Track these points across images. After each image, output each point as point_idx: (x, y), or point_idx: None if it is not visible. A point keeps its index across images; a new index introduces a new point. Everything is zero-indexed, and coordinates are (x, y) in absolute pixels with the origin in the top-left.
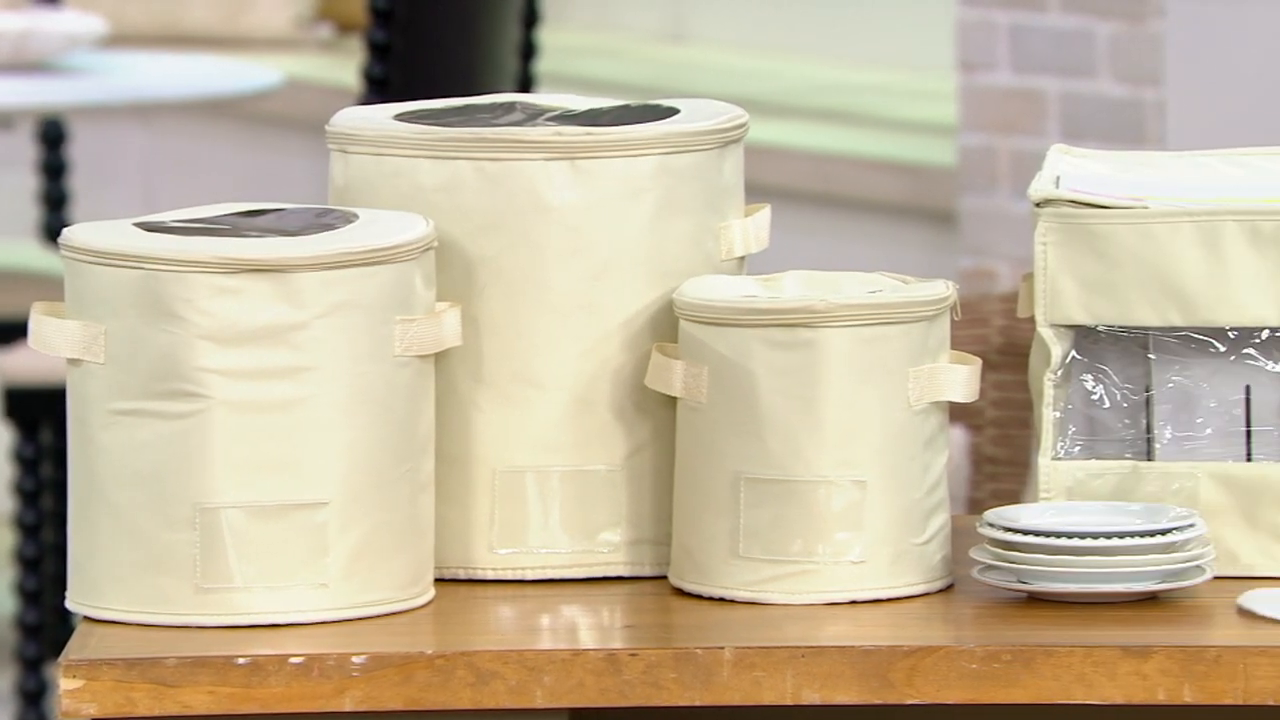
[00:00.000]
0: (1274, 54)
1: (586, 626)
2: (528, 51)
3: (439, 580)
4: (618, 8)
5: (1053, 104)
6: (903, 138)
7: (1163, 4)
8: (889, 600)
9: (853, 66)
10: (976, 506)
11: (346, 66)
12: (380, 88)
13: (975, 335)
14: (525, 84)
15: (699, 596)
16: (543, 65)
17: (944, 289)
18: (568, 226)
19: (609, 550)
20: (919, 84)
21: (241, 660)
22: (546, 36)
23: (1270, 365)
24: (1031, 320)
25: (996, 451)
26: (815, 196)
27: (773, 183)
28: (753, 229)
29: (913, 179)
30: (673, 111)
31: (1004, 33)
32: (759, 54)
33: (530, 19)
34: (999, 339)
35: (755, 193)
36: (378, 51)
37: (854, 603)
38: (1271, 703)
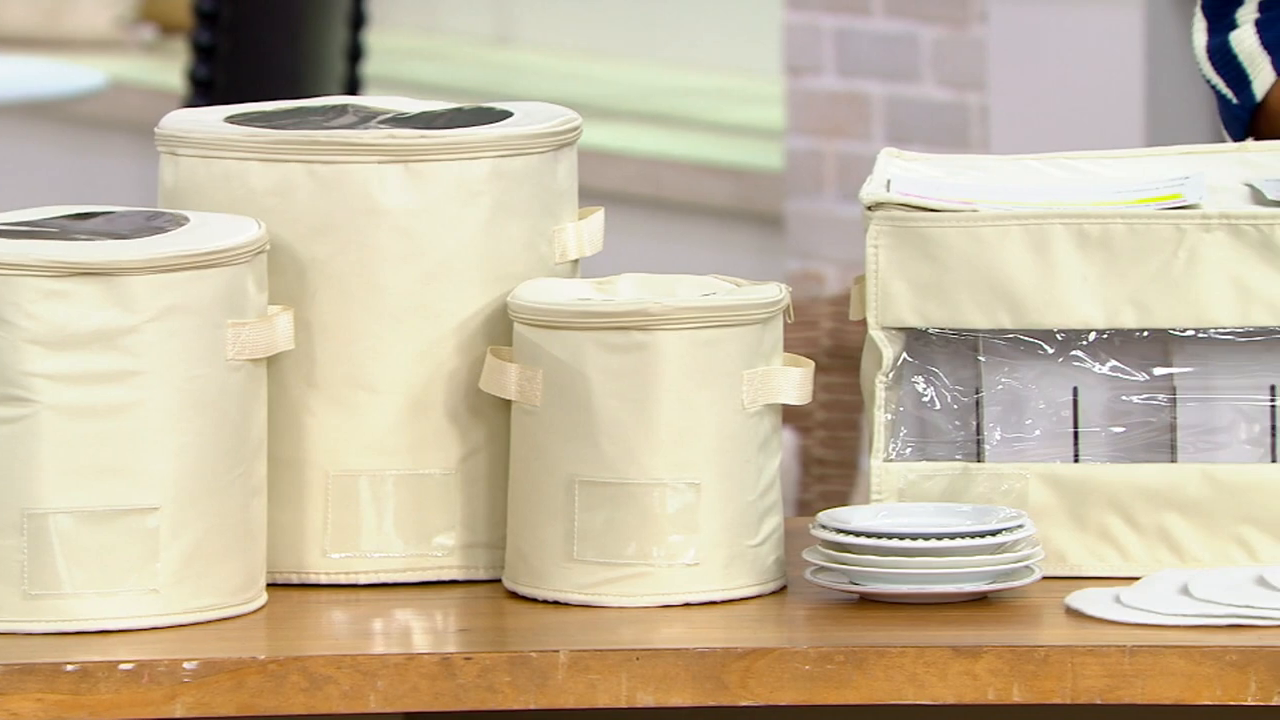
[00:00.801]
0: (1093, 57)
1: (420, 630)
2: (354, 54)
3: (272, 585)
4: (445, 11)
5: (878, 108)
6: (730, 141)
7: (985, 9)
8: (723, 602)
9: (680, 70)
10: (805, 508)
11: (170, 68)
12: (205, 90)
13: (804, 338)
14: (352, 86)
15: (533, 600)
16: (369, 68)
17: (777, 292)
18: (401, 230)
19: (443, 554)
20: (746, 88)
21: (70, 667)
22: (373, 39)
23: (1097, 367)
24: (860, 323)
25: (825, 453)
26: (643, 200)
27: (601, 186)
28: (587, 232)
29: (740, 182)
30: (506, 115)
31: (829, 37)
32: (587, 57)
33: (357, 21)
34: (827, 341)
35: (584, 196)
36: (202, 53)
37: (688, 605)
38: (1099, 702)
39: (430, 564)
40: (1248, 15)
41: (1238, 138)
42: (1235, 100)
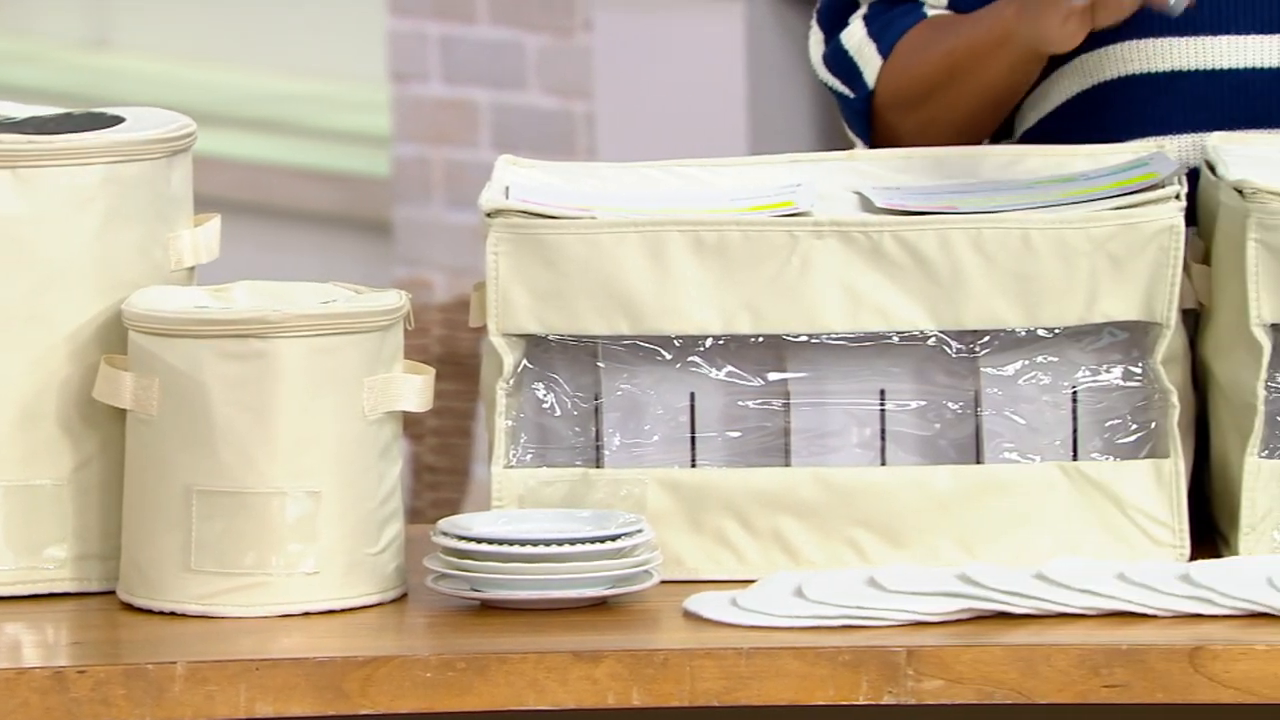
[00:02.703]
0: (697, 65)
1: (31, 644)
2: None
3: None
4: (38, 12)
5: (484, 115)
6: (337, 148)
7: (590, 17)
8: (343, 610)
9: (285, 76)
10: (417, 516)
11: None
12: None
13: (415, 345)
14: None
15: (150, 611)
16: None
17: (397, 299)
18: (10, 238)
19: (55, 566)
20: (351, 94)
21: None
22: None
23: (713, 373)
24: (473, 329)
25: (437, 460)
26: (249, 206)
27: (205, 193)
28: (203, 239)
29: (347, 189)
30: (118, 120)
31: (435, 44)
32: (189, 62)
33: None
34: (438, 348)
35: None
36: None
37: (308, 614)
38: (716, 703)
39: (41, 576)
40: (858, 16)
41: (862, 132)
42: (852, 95)
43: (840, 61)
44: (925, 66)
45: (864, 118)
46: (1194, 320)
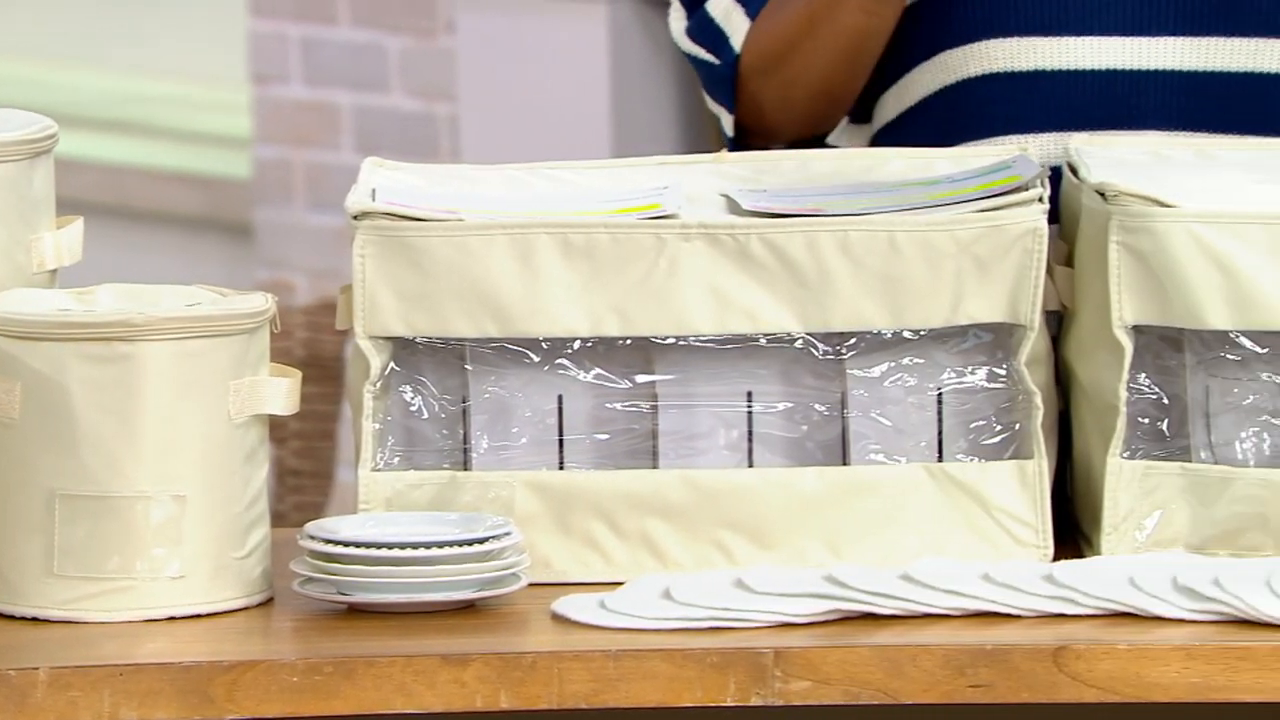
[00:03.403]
0: (560, 67)
1: None
2: None
3: None
4: None
5: (346, 117)
6: (197, 150)
7: (452, 19)
8: (209, 615)
9: (145, 77)
10: (280, 519)
11: None
12: None
13: (278, 348)
14: None
15: (12, 617)
16: None
17: (263, 302)
18: None
19: None
20: (212, 96)
21: None
22: None
23: (581, 375)
24: (335, 332)
25: (300, 464)
26: (108, 209)
27: (66, 195)
28: (65, 241)
29: (207, 191)
30: None
31: (296, 45)
32: (48, 64)
33: None
34: (301, 351)
35: None
36: None
37: (173, 619)
38: (584, 706)
39: None
40: None
41: (727, 100)
42: (718, 62)
43: (706, 30)
44: (784, 22)
45: (729, 84)
46: (1057, 322)
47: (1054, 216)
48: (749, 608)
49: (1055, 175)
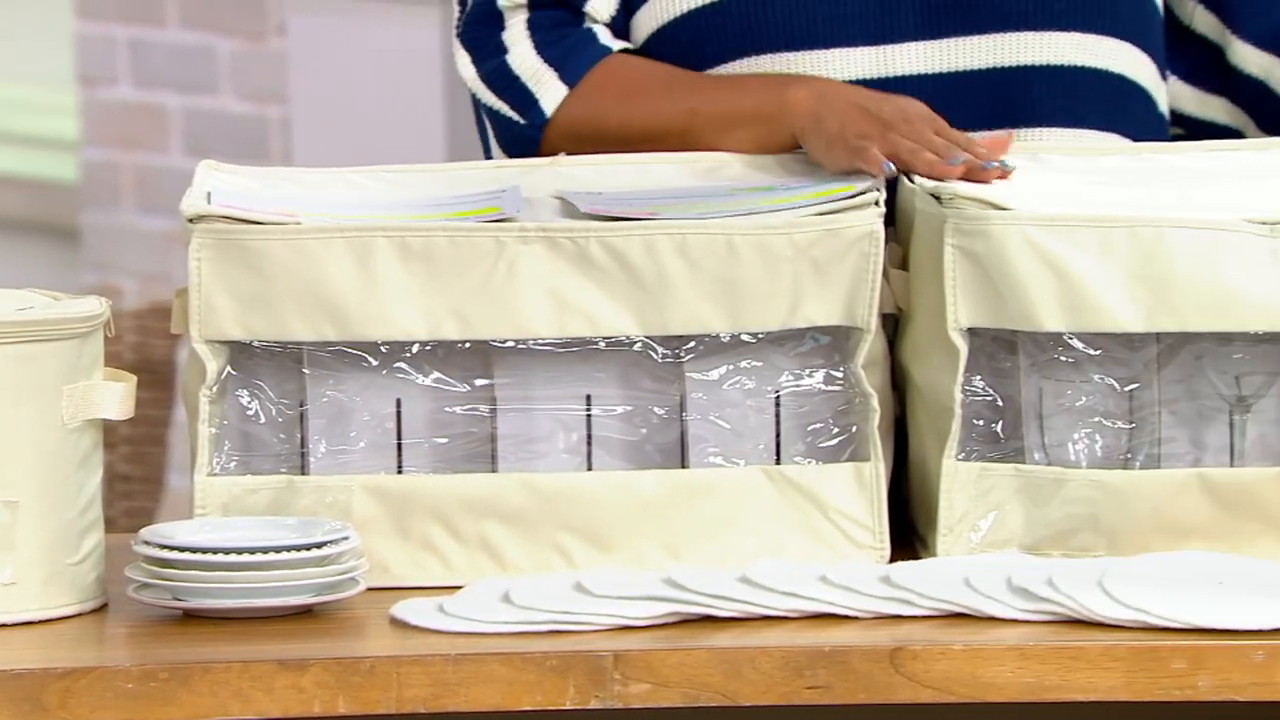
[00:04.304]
0: (394, 70)
1: None
2: None
3: None
4: None
5: (175, 120)
6: (23, 152)
7: (283, 21)
8: (42, 622)
9: None
10: (111, 525)
11: None
12: None
13: (107, 352)
14: None
15: None
16: None
17: (97, 306)
18: None
19: None
20: (38, 98)
21: None
22: None
23: (420, 378)
24: (166, 336)
25: (130, 469)
26: None
27: None
28: None
29: (34, 194)
30: None
31: (124, 47)
32: None
33: None
34: (131, 356)
35: None
36: None
37: (5, 625)
38: (423, 710)
39: None
40: (517, 37)
41: (528, 156)
42: (524, 121)
43: (508, 85)
44: (648, 115)
45: (533, 145)
46: (893, 325)
47: (889, 219)
48: (588, 611)
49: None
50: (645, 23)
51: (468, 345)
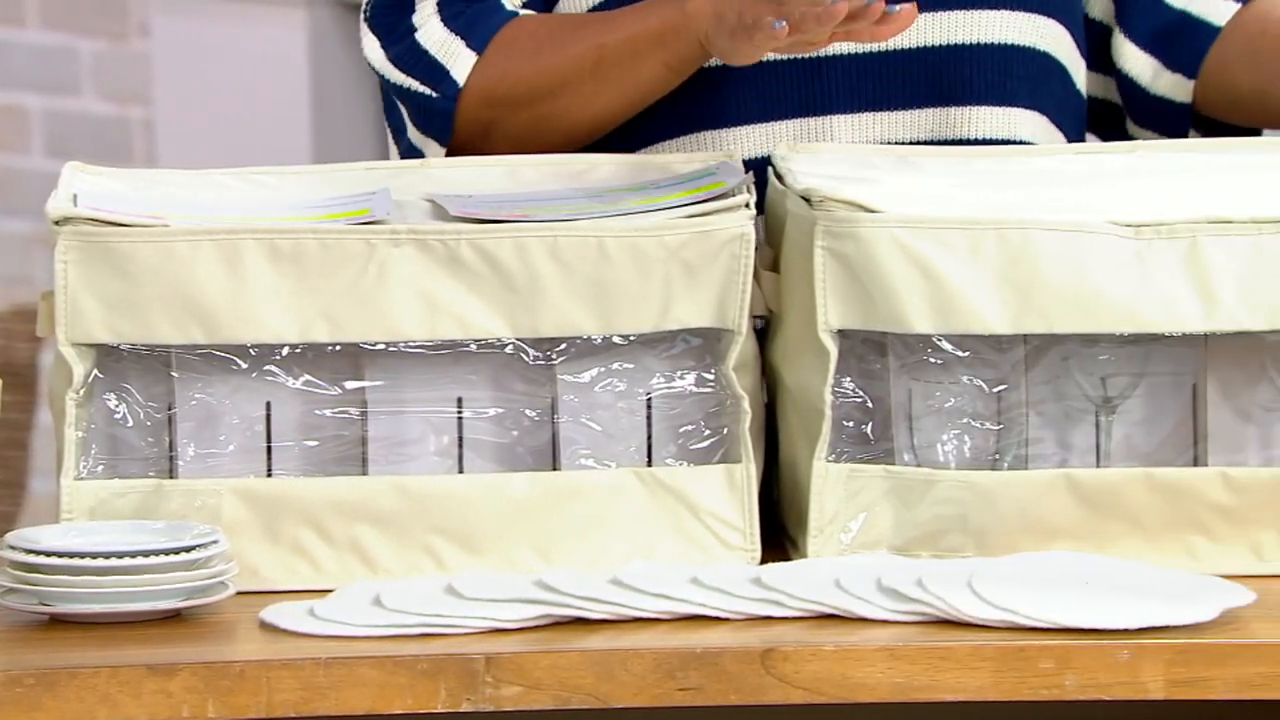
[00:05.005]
0: (260, 71)
1: None
2: None
3: None
4: None
5: (36, 121)
6: None
7: (146, 22)
8: None
9: None
10: None
11: None
12: None
13: None
14: None
15: None
16: None
17: None
18: None
19: None
20: None
21: None
22: None
23: (290, 381)
24: (28, 340)
25: None
26: None
27: None
28: None
29: None
30: None
31: None
32: None
33: None
34: None
35: None
36: None
37: None
38: (294, 714)
39: None
40: (427, 16)
41: (441, 133)
42: (435, 95)
43: (418, 61)
44: (559, 60)
45: (448, 117)
46: (764, 327)
47: (759, 207)
48: (459, 614)
49: (760, 170)
50: (568, 7)
51: (338, 348)
